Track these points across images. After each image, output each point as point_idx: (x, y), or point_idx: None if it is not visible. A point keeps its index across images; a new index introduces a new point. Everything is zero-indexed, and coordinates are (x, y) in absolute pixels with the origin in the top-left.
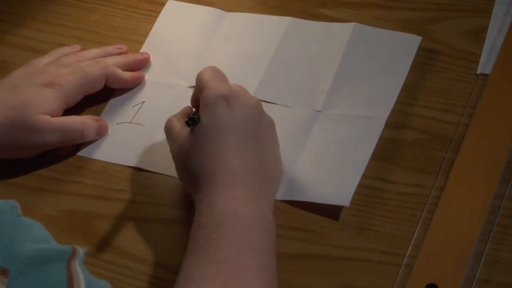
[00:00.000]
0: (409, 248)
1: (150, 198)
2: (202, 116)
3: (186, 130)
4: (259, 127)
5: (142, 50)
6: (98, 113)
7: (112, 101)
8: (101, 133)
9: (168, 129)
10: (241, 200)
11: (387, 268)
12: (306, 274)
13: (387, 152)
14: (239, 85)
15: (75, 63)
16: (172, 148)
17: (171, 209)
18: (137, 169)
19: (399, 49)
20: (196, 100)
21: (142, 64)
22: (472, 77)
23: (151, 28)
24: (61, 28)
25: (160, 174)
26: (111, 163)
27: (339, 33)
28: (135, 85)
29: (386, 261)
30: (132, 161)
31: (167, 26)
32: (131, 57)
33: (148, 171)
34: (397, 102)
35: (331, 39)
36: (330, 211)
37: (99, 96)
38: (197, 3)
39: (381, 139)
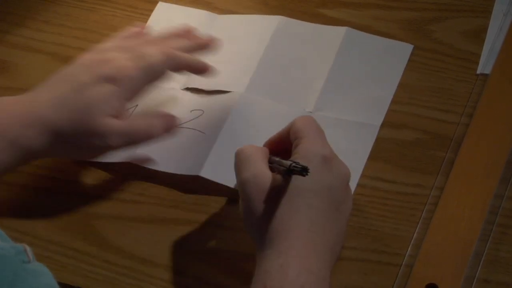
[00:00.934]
0: (409, 248)
1: (150, 198)
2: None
3: (272, 174)
4: (344, 199)
5: None
6: None
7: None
8: (169, 128)
9: (248, 160)
10: (314, 275)
11: (387, 268)
12: None
13: (387, 152)
14: (331, 148)
15: (138, 50)
16: (252, 183)
17: (171, 209)
18: (136, 168)
19: (391, 56)
20: (279, 143)
21: (200, 73)
22: (472, 77)
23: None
24: (61, 28)
25: (160, 174)
26: (111, 162)
27: (331, 36)
28: (203, 72)
29: (386, 261)
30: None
31: (158, 28)
32: (199, 42)
33: (148, 171)
34: (397, 102)
35: (323, 41)
36: None
37: None
38: (196, 4)
39: (381, 139)
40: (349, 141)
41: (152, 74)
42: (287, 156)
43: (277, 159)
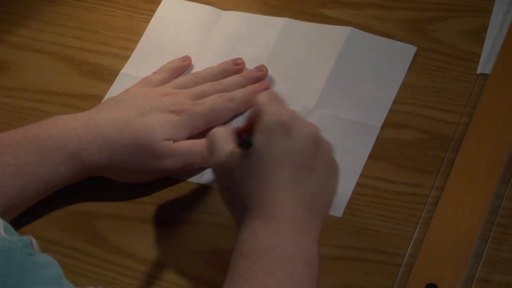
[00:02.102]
0: (409, 248)
1: (150, 198)
2: (256, 142)
3: (237, 152)
4: (315, 158)
5: (137, 48)
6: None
7: (124, 74)
8: None
9: (216, 143)
10: (286, 233)
11: (387, 268)
12: None
13: (387, 152)
14: (295, 111)
15: (197, 87)
16: (220, 169)
17: (171, 209)
18: None
19: (394, 58)
20: (249, 123)
21: (262, 80)
22: (472, 77)
23: None
24: (61, 28)
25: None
26: None
27: (335, 36)
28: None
29: (386, 261)
30: None
31: (163, 24)
32: (249, 75)
33: None
34: (398, 102)
35: (327, 41)
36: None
37: (93, 93)
38: (195, 1)
39: (381, 139)
40: (349, 140)
41: (215, 117)
42: None
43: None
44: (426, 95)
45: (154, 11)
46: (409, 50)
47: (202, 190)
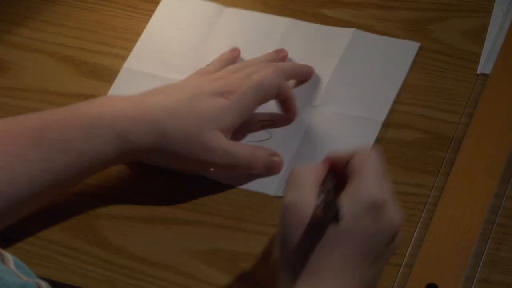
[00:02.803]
0: (409, 248)
1: (150, 198)
2: (343, 211)
3: (316, 210)
4: (385, 249)
5: (137, 44)
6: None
7: (127, 68)
8: (271, 170)
9: (296, 184)
10: None
11: (387, 268)
12: None
13: (387, 152)
14: (388, 189)
15: (244, 70)
16: (291, 211)
17: (171, 209)
18: (136, 168)
19: (397, 54)
20: (337, 165)
21: (308, 75)
22: (472, 77)
23: None
24: (61, 28)
25: (160, 174)
26: None
27: (339, 37)
28: (307, 78)
29: None
30: None
31: (165, 19)
32: (299, 67)
33: (148, 170)
34: (397, 102)
35: (330, 42)
36: None
37: (93, 93)
38: None
39: (382, 139)
40: (352, 134)
41: (263, 90)
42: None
43: (326, 190)
44: (426, 95)
45: (154, 11)
46: (412, 47)
47: (203, 190)
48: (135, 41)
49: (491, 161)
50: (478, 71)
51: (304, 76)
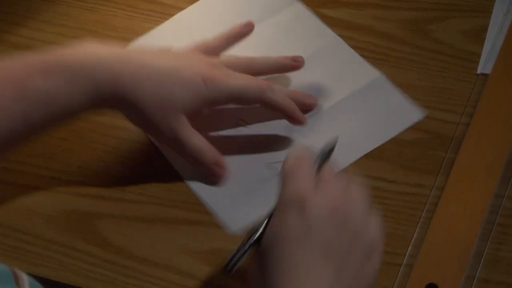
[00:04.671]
0: (409, 248)
1: (150, 198)
2: (273, 219)
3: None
4: (334, 236)
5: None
6: None
7: None
8: (211, 177)
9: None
10: None
11: (387, 268)
12: None
13: (387, 152)
14: (329, 173)
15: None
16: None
17: (171, 209)
18: (136, 168)
19: (400, 114)
20: None
21: (308, 109)
22: (472, 77)
23: (152, 28)
24: (61, 28)
25: (160, 174)
26: (111, 162)
27: (362, 71)
28: (292, 120)
29: (386, 261)
30: None
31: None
32: (302, 96)
33: (147, 171)
34: None
35: (354, 74)
36: None
37: None
38: None
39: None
40: None
41: (242, 97)
42: None
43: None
44: (426, 95)
45: (154, 11)
46: (418, 113)
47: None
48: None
49: (491, 161)
50: (478, 71)
51: (304, 107)
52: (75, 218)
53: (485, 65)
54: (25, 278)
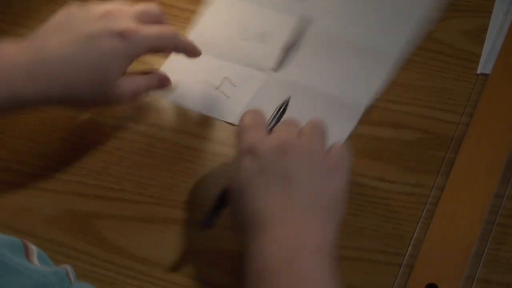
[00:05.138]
0: (409, 248)
1: (150, 198)
2: (232, 172)
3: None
4: (287, 166)
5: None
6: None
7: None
8: (163, 87)
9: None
10: (287, 244)
11: (387, 268)
12: None
13: (388, 152)
14: (264, 128)
15: (139, 6)
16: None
17: (171, 209)
18: (136, 168)
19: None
20: None
21: (191, 56)
22: (472, 77)
23: None
24: None
25: (160, 174)
26: (111, 162)
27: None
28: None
29: (386, 261)
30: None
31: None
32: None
33: (148, 170)
34: (397, 102)
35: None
36: None
37: None
38: (196, 4)
39: (382, 139)
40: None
41: (158, 43)
42: None
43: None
44: (426, 95)
45: None
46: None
47: (202, 190)
48: None
49: (491, 161)
50: (478, 71)
51: (189, 55)
52: (75, 218)
53: (485, 65)
54: (34, 250)
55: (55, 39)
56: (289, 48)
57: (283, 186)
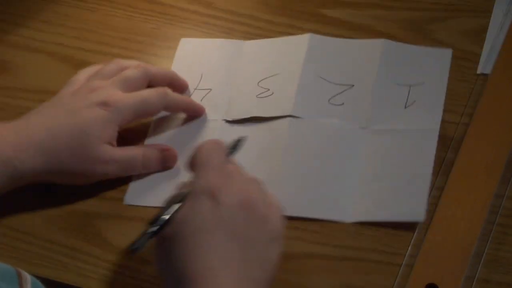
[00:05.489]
0: (409, 248)
1: None
2: (183, 209)
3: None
4: (245, 224)
5: None
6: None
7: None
8: (166, 164)
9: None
10: None
11: (387, 268)
12: (306, 273)
13: None
14: (234, 169)
15: (121, 73)
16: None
17: None
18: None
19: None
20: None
21: (197, 113)
22: (472, 77)
23: (151, 28)
24: (61, 28)
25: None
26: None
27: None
28: (192, 114)
29: (386, 261)
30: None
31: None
32: (174, 79)
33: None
34: None
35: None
36: None
37: None
38: (197, 4)
39: None
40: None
41: (146, 109)
42: None
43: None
44: None
45: (154, 11)
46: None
47: None
48: (135, 41)
49: (491, 161)
50: (478, 71)
51: (191, 113)
52: (75, 218)
53: (485, 65)
54: (28, 279)
55: (40, 115)
56: None
57: (233, 248)
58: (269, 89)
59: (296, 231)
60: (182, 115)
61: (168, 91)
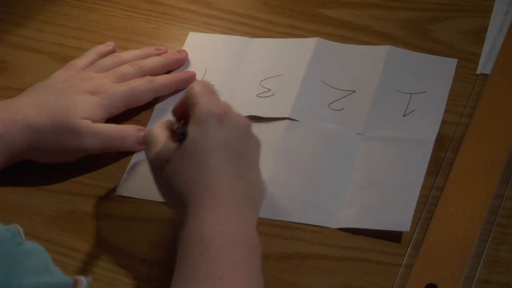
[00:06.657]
0: (409, 248)
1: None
2: (190, 132)
3: (172, 145)
4: (246, 148)
5: None
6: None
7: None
8: (143, 143)
9: (150, 141)
10: (232, 220)
11: (387, 268)
12: (306, 274)
13: None
14: (227, 104)
15: (117, 68)
16: (155, 163)
17: (171, 209)
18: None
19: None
20: (181, 112)
21: (181, 62)
22: (472, 77)
23: (151, 28)
24: (61, 28)
25: None
26: (111, 162)
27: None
28: (186, 85)
29: (386, 261)
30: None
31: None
32: (170, 57)
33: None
34: None
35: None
36: None
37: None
38: (197, 4)
39: None
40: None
41: (135, 96)
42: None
43: (180, 125)
44: None
45: (154, 11)
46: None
47: None
48: (134, 41)
49: (491, 161)
50: (478, 71)
51: (177, 64)
52: (75, 218)
53: (485, 65)
54: (84, 281)
55: (31, 94)
56: None
57: (238, 168)
58: (270, 90)
59: (296, 231)
60: None
61: (155, 77)
